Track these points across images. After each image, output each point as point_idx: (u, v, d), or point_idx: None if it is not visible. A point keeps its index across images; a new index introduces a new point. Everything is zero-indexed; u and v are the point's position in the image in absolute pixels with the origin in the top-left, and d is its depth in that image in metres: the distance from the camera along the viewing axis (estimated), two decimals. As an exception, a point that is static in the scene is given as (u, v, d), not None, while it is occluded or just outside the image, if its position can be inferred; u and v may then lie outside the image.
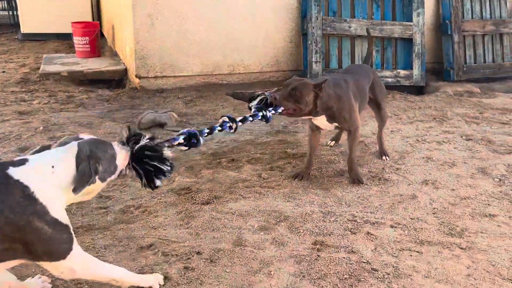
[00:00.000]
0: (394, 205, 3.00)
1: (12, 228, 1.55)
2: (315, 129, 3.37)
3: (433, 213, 2.90)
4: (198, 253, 2.32)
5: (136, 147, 1.95)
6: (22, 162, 1.66)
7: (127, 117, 4.82)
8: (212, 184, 3.18)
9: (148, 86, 5.67)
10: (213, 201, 2.93)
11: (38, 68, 6.49)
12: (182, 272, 2.15)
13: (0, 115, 4.74)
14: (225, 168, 3.48)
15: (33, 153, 1.76)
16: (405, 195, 3.16)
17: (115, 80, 6.28)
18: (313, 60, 5.83)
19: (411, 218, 2.81)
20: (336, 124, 3.24)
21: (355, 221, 2.74)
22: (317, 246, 2.42)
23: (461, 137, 4.51)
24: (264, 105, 2.80)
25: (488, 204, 3.04)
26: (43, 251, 1.64)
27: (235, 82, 6.02)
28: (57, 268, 1.70)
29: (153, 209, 2.79)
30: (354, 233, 2.60)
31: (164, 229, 2.55)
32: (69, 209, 2.63)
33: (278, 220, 2.70)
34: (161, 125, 4.52)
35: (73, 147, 1.75)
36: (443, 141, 4.38)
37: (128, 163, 1.95)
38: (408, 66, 6.30)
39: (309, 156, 3.39)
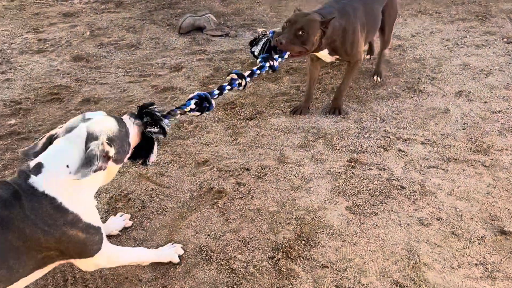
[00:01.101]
0: (427, 120, 3.18)
1: (48, 239, 1.52)
2: (316, 59, 3.17)
3: (463, 129, 3.08)
4: (247, 169, 2.66)
5: (147, 125, 1.87)
6: (39, 169, 1.55)
7: (167, 19, 4.90)
8: (254, 98, 3.41)
9: (184, -19, 5.60)
10: (256, 116, 3.19)
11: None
12: (235, 187, 2.51)
13: (47, 17, 4.90)
14: (265, 80, 3.67)
15: (43, 146, 1.66)
16: (438, 108, 3.32)
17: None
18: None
19: (441, 134, 3.02)
20: (337, 56, 3.06)
21: (388, 137, 2.98)
22: (352, 164, 2.71)
23: (502, 39, 4.45)
24: (267, 48, 2.61)
25: (518, 119, 3.19)
26: (76, 253, 1.64)
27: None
28: (84, 263, 1.71)
29: (204, 125, 3.09)
30: (386, 150, 2.85)
31: (216, 146, 2.87)
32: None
33: (317, 137, 2.97)
34: (200, 29, 4.62)
35: (81, 133, 1.60)
36: (483, 45, 4.35)
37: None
38: (456, -47, 5.88)
39: (308, 89, 3.24)
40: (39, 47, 4.24)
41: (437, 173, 2.66)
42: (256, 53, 2.61)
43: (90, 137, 1.59)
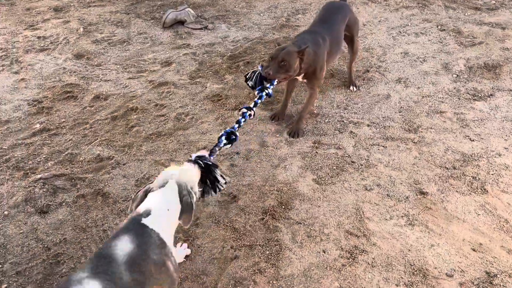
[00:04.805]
0: (372, 105, 4.06)
1: (155, 267, 1.81)
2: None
3: (399, 112, 3.98)
4: (237, 153, 3.47)
5: (203, 164, 2.35)
6: (148, 213, 1.95)
7: (150, 12, 5.50)
8: (236, 90, 4.18)
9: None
10: (240, 106, 3.97)
11: None
12: (230, 168, 3.33)
13: (39, 13, 5.40)
14: (243, 72, 4.43)
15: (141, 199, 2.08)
16: (382, 94, 4.19)
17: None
18: None
19: (383, 117, 3.91)
20: (306, 80, 3.63)
21: (343, 121, 3.84)
22: (316, 145, 3.58)
23: (437, 27, 5.33)
24: (259, 79, 3.24)
25: (442, 102, 4.11)
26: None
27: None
28: None
29: (198, 116, 3.85)
30: (341, 132, 3.72)
31: (210, 134, 3.65)
32: (138, 123, 3.70)
33: (288, 123, 3.80)
34: (182, 22, 5.26)
35: (174, 186, 2.08)
36: (421, 33, 5.23)
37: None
38: None
39: (284, 99, 3.86)
40: (41, 45, 4.80)
41: (379, 149, 3.56)
42: (250, 85, 3.27)
43: (181, 190, 2.08)
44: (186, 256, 2.71)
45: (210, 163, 2.39)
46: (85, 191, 3.09)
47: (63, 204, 2.99)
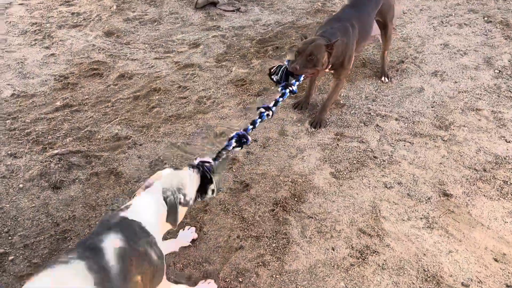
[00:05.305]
0: (403, 98, 3.85)
1: (137, 256, 1.80)
2: None
3: (432, 107, 3.76)
4: (254, 140, 3.38)
5: (201, 170, 2.23)
6: (128, 206, 1.96)
7: (184, -8, 5.43)
8: (261, 76, 4.07)
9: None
10: (263, 93, 3.86)
11: None
12: (246, 155, 3.25)
13: (75, -10, 5.45)
14: (270, 57, 4.31)
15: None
16: (415, 87, 3.97)
17: None
18: None
19: (413, 111, 3.70)
20: (333, 71, 3.45)
21: (369, 114, 3.66)
22: (338, 137, 3.43)
23: (483, 18, 4.99)
24: (285, 74, 3.05)
25: (479, 98, 3.85)
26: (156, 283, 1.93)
27: None
28: None
29: (220, 100, 3.78)
30: (366, 125, 3.55)
31: (230, 119, 3.57)
32: (159, 104, 3.67)
33: (311, 113, 3.66)
34: (214, 4, 5.17)
35: (158, 187, 2.03)
36: (465, 23, 4.91)
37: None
38: None
39: (309, 88, 3.72)
40: (74, 21, 4.84)
41: (404, 145, 3.37)
42: (275, 80, 3.07)
43: (166, 192, 2.03)
44: (193, 241, 2.66)
45: (209, 176, 2.24)
46: (99, 169, 3.10)
47: (76, 181, 3.01)
